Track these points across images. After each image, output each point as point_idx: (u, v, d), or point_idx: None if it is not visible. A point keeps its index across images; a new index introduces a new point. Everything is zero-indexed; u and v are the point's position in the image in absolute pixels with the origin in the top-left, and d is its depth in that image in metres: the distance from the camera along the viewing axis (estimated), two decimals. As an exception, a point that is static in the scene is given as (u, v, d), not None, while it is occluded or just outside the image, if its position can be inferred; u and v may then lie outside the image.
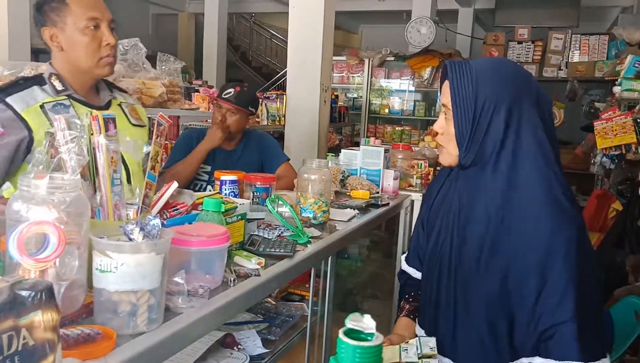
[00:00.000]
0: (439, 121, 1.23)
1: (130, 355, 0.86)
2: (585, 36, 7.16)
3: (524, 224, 1.13)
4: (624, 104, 3.83)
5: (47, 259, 0.83)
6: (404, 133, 7.37)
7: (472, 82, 1.13)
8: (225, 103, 2.69)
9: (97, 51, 1.59)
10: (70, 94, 1.61)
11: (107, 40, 1.59)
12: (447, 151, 1.22)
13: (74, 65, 1.61)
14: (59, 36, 1.58)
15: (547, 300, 1.11)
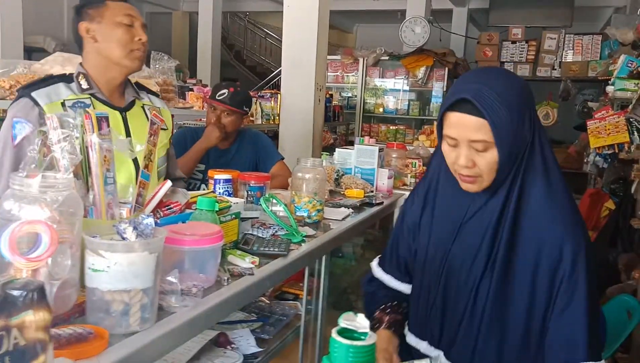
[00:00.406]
0: (467, 156, 1.17)
1: (122, 355, 0.86)
2: (579, 36, 7.20)
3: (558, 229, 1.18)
4: (617, 103, 3.84)
5: (39, 258, 0.82)
6: (398, 132, 7.38)
7: (506, 113, 1.13)
8: (220, 105, 2.69)
9: (130, 44, 1.70)
10: (94, 93, 1.70)
11: (139, 36, 1.72)
12: (482, 179, 1.20)
13: (106, 56, 1.70)
14: (94, 29, 1.69)
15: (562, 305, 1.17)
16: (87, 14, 1.70)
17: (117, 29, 1.69)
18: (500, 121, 1.12)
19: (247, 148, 2.82)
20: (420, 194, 1.39)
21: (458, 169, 1.21)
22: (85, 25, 1.70)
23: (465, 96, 1.13)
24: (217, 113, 2.70)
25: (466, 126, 1.15)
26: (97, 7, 1.70)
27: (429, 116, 7.38)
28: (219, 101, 2.69)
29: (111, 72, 1.73)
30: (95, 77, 1.72)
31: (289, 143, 4.28)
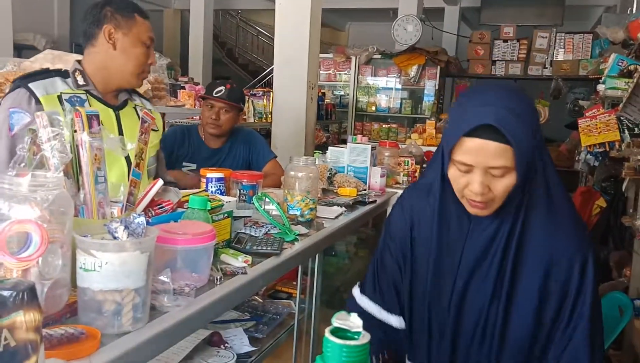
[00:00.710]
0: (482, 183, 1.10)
1: (115, 355, 0.85)
2: (570, 35, 7.23)
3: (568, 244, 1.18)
4: (608, 102, 3.86)
5: (29, 258, 0.81)
6: (391, 131, 7.39)
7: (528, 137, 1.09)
8: (218, 101, 2.68)
9: (143, 65, 1.78)
10: (89, 90, 1.72)
11: (151, 60, 1.81)
12: (493, 203, 1.14)
13: (118, 65, 1.73)
14: (118, 37, 1.72)
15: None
16: (116, 19, 1.71)
17: (139, 48, 1.74)
18: (523, 145, 1.07)
19: (239, 146, 2.82)
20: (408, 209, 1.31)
21: (470, 195, 1.13)
22: (110, 29, 1.70)
23: (489, 121, 1.05)
24: (214, 111, 2.69)
25: (487, 153, 1.08)
26: (128, 17, 1.72)
27: (421, 114, 7.39)
28: (217, 98, 2.68)
29: (114, 80, 1.77)
30: (94, 76, 1.74)
31: (282, 142, 4.27)
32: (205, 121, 2.73)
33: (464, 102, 1.15)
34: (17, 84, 1.64)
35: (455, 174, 1.15)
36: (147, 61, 1.79)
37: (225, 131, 2.74)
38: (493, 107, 1.07)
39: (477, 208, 1.15)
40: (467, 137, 1.09)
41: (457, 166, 1.13)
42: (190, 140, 2.79)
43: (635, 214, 3.19)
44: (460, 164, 1.12)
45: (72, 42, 7.92)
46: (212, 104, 2.71)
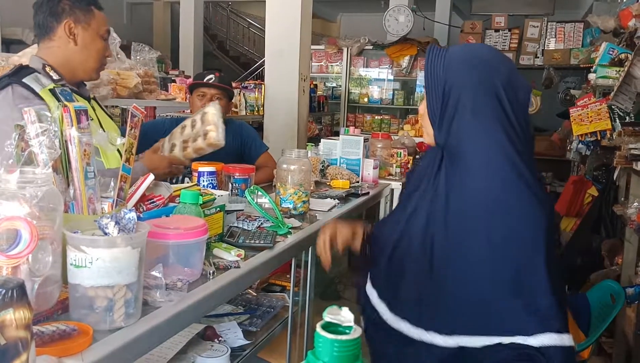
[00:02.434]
0: (422, 103, 1.25)
1: (107, 351, 0.85)
2: (561, 24, 7.24)
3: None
4: (599, 91, 3.88)
5: (19, 255, 0.81)
6: (383, 122, 7.38)
7: (442, 67, 1.17)
8: (210, 88, 2.65)
9: (102, 59, 1.79)
10: (64, 84, 1.70)
11: (108, 52, 1.82)
12: (426, 131, 1.26)
13: (79, 60, 1.74)
14: (78, 32, 1.70)
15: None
16: (75, 14, 1.68)
17: (98, 42, 1.75)
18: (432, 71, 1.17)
19: (231, 139, 2.79)
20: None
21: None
22: (70, 24, 1.68)
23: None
24: (207, 98, 2.66)
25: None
26: (86, 11, 1.70)
27: (413, 105, 7.39)
28: (210, 85, 2.66)
29: (76, 74, 1.76)
30: (61, 70, 1.71)
31: (274, 134, 4.26)
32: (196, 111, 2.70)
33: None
34: (7, 82, 1.61)
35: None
36: (105, 54, 1.79)
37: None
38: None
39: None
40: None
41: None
42: None
43: (626, 203, 3.22)
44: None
45: (61, 36, 7.83)
46: (204, 93, 2.68)
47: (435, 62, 1.18)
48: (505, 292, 1.10)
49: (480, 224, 1.13)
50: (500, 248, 1.11)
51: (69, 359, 0.81)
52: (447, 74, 1.17)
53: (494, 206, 1.12)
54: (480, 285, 1.11)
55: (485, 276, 1.11)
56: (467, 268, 1.13)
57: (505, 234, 1.11)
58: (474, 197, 1.14)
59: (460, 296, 1.13)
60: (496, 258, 1.11)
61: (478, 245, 1.12)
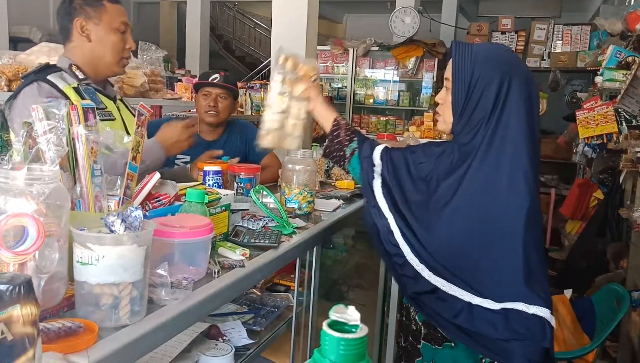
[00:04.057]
0: (441, 92, 1.40)
1: (112, 349, 0.85)
2: (568, 27, 7.21)
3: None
4: (606, 94, 3.86)
5: (26, 252, 0.81)
6: (389, 123, 7.37)
7: (470, 60, 1.29)
8: (215, 88, 2.66)
9: (121, 52, 1.77)
10: (90, 83, 1.73)
11: (129, 44, 1.79)
12: (442, 118, 1.40)
13: (98, 57, 1.74)
14: (91, 29, 1.71)
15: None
16: (85, 11, 1.70)
17: (113, 35, 1.73)
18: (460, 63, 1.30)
19: (236, 138, 2.80)
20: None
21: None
22: (81, 22, 1.69)
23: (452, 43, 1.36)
24: (212, 98, 2.66)
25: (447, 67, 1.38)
26: (96, 7, 1.70)
27: (419, 106, 7.37)
28: (214, 84, 2.66)
29: (100, 71, 1.77)
30: (85, 70, 1.74)
31: (279, 134, 4.26)
32: (203, 110, 2.70)
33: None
34: (33, 78, 1.64)
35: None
36: (125, 46, 1.77)
37: (223, 119, 2.72)
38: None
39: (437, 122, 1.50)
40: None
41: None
42: None
43: (632, 206, 3.20)
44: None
45: (68, 34, 7.86)
46: (209, 92, 2.68)
47: (463, 55, 1.30)
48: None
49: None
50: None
51: (75, 356, 0.81)
52: (475, 67, 1.29)
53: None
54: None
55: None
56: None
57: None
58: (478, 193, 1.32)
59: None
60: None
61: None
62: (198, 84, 2.79)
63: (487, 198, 1.30)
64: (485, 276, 1.30)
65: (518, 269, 1.27)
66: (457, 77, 1.31)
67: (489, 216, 1.30)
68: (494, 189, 1.30)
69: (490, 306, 1.28)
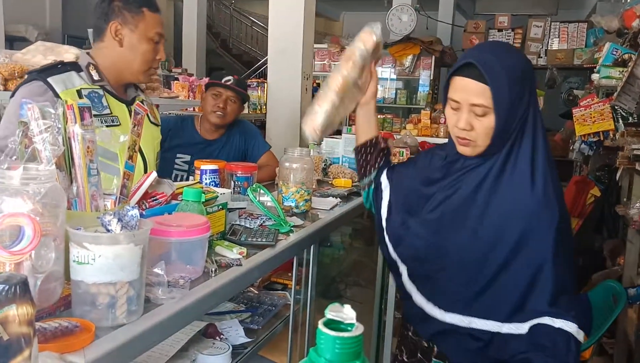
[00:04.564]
0: (466, 119, 1.24)
1: (109, 348, 0.85)
2: (564, 24, 7.23)
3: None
4: (602, 91, 3.87)
5: (22, 251, 0.81)
6: (386, 121, 7.36)
7: (507, 83, 1.19)
8: (227, 90, 2.66)
9: (151, 62, 1.74)
10: (104, 85, 1.70)
11: (160, 56, 1.76)
12: (476, 144, 1.26)
13: (125, 63, 1.71)
14: (125, 34, 1.68)
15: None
16: (122, 16, 1.67)
17: (145, 44, 1.70)
18: (500, 88, 1.18)
19: (236, 138, 2.80)
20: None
21: (457, 132, 1.26)
22: (116, 25, 1.67)
23: (471, 60, 1.20)
24: (222, 99, 2.66)
25: (469, 90, 1.21)
26: (135, 13, 1.68)
27: (416, 104, 7.38)
28: (227, 86, 2.66)
29: (123, 76, 1.74)
30: (106, 71, 1.72)
31: (276, 133, 4.26)
32: (210, 110, 2.68)
33: (467, 50, 1.33)
34: (34, 77, 1.61)
35: (449, 112, 1.29)
36: (155, 57, 1.75)
37: (228, 122, 2.72)
38: (483, 53, 1.24)
39: (462, 146, 1.28)
40: (456, 76, 1.24)
41: (450, 104, 1.28)
42: (184, 131, 2.75)
43: (628, 204, 3.21)
44: (452, 102, 1.26)
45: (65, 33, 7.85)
46: (220, 93, 2.67)
47: (499, 79, 1.19)
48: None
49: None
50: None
51: (71, 355, 0.81)
52: (511, 89, 1.20)
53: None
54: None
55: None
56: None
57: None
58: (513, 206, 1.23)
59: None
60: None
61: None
62: (210, 83, 2.79)
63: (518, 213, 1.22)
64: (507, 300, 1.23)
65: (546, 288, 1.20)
66: (499, 104, 1.19)
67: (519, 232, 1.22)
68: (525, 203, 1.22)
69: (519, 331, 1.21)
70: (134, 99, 1.81)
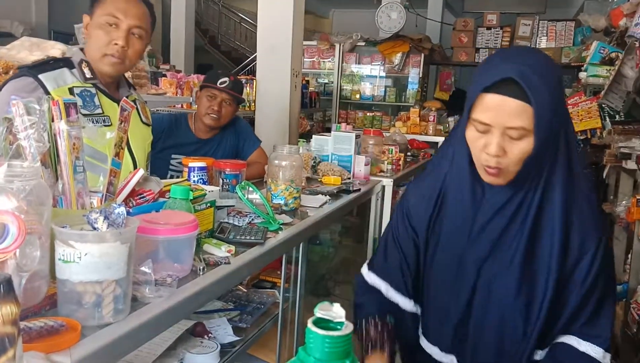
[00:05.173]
0: (498, 143, 1.05)
1: (96, 347, 0.84)
2: (552, 22, 7.28)
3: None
4: (590, 89, 3.90)
5: (6, 250, 0.80)
6: (375, 119, 7.40)
7: (551, 107, 1.04)
8: (223, 93, 2.61)
9: (104, 47, 1.61)
10: (97, 83, 1.66)
11: (116, 40, 1.60)
12: (507, 171, 1.09)
13: (88, 55, 1.66)
14: (89, 25, 1.64)
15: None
16: (90, 9, 1.64)
17: (98, 30, 1.61)
18: (544, 106, 1.02)
19: (230, 137, 2.77)
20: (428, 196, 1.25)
21: (485, 159, 1.08)
22: (85, 19, 1.65)
23: (511, 75, 1.01)
24: (217, 101, 2.62)
25: (505, 110, 1.03)
26: (98, 2, 1.63)
27: (405, 102, 7.41)
28: (222, 89, 2.62)
29: (97, 70, 1.67)
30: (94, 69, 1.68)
31: (265, 130, 4.25)
32: (205, 112, 2.63)
33: (489, 59, 1.12)
34: (24, 73, 1.57)
35: (473, 135, 1.10)
36: (110, 43, 1.60)
37: (223, 123, 2.69)
38: (516, 64, 1.03)
39: (492, 176, 1.10)
40: (487, 93, 1.05)
41: (475, 126, 1.09)
42: (178, 130, 2.70)
43: (615, 201, 3.24)
44: (478, 124, 1.07)
45: (51, 29, 7.77)
46: (215, 95, 2.62)
47: (542, 93, 1.02)
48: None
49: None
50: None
51: (57, 355, 0.80)
52: (554, 113, 1.05)
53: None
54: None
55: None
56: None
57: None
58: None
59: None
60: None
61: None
62: (205, 85, 2.72)
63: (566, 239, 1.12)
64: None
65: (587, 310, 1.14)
66: (541, 125, 1.03)
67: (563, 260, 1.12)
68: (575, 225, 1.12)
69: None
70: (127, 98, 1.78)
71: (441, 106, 6.07)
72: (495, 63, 1.08)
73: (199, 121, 2.69)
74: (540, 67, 1.04)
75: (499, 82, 1.03)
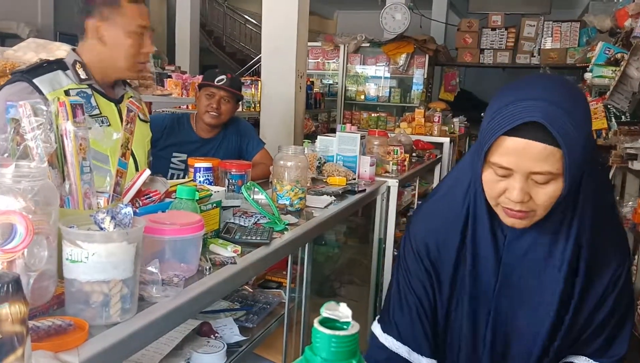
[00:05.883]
0: (521, 188, 0.95)
1: (103, 346, 0.85)
2: (557, 23, 7.26)
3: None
4: (595, 90, 3.89)
5: (14, 250, 0.80)
6: (380, 119, 7.39)
7: (579, 139, 0.93)
8: (221, 90, 2.63)
9: (136, 56, 1.67)
10: (92, 84, 1.66)
11: (146, 48, 1.68)
12: (534, 214, 1.00)
13: (110, 60, 1.66)
14: (105, 31, 1.62)
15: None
16: (99, 12, 1.61)
17: (128, 38, 1.63)
18: (575, 149, 0.92)
19: (232, 136, 2.78)
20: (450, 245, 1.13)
21: (507, 204, 0.99)
22: (94, 23, 1.62)
23: (536, 119, 0.90)
24: (215, 99, 2.63)
25: (530, 155, 0.92)
26: (112, 7, 1.61)
27: (410, 103, 7.40)
28: (220, 87, 2.63)
29: (110, 74, 1.69)
30: (92, 69, 1.67)
31: (270, 131, 4.25)
32: (204, 110, 2.65)
33: (507, 95, 0.97)
34: (18, 78, 1.56)
35: (491, 178, 0.99)
36: (140, 50, 1.67)
37: (223, 121, 2.70)
38: (541, 102, 0.91)
39: (515, 218, 1.00)
40: (508, 136, 0.93)
41: (493, 169, 0.98)
42: (180, 129, 2.72)
43: (621, 202, 3.23)
44: (497, 168, 0.97)
45: (57, 30, 7.81)
46: (213, 93, 2.64)
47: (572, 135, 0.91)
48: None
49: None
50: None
51: (65, 354, 0.80)
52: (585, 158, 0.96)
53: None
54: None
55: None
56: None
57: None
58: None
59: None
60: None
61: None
62: (203, 83, 2.74)
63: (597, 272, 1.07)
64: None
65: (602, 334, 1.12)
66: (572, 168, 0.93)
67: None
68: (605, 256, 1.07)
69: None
70: (122, 97, 1.77)
71: (446, 107, 6.07)
72: (518, 101, 0.94)
73: (200, 120, 2.71)
74: (567, 103, 0.93)
75: (522, 124, 0.92)
